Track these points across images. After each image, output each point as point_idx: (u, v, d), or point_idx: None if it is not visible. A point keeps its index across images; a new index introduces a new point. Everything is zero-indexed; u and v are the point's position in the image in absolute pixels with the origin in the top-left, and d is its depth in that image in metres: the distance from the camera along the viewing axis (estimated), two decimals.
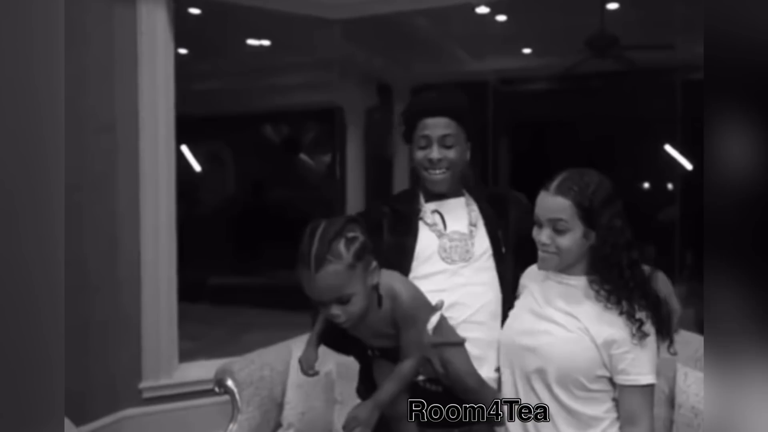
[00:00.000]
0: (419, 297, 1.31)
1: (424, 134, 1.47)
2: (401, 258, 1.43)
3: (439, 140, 1.46)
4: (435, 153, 1.45)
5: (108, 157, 2.51)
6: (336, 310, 1.16)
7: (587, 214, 1.28)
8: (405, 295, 1.25)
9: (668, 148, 3.78)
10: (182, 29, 2.80)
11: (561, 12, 3.58)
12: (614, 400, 1.33)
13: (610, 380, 1.31)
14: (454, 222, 1.49)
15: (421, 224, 1.50)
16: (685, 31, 3.47)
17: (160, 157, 2.60)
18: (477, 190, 1.58)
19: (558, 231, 1.29)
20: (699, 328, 2.09)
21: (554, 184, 1.31)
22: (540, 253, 1.34)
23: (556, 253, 1.31)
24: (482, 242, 1.48)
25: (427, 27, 3.75)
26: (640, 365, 1.27)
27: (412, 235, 1.47)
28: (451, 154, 1.47)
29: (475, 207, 1.53)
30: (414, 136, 1.50)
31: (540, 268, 1.37)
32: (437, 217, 1.50)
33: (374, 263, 1.20)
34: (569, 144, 3.81)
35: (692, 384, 1.76)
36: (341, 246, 1.11)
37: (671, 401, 1.80)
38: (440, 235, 1.47)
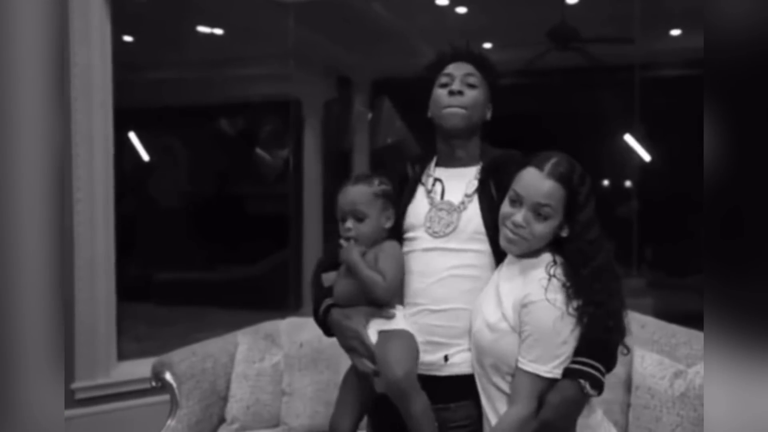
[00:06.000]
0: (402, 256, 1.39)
1: (446, 72, 1.39)
2: (395, 221, 1.39)
3: (462, 78, 1.37)
4: (456, 85, 1.35)
5: None
6: (350, 224, 1.35)
7: (573, 206, 1.20)
8: (393, 242, 1.38)
9: (628, 137, 3.80)
10: (127, 15, 2.67)
11: (521, 5, 3.57)
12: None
13: None
14: (452, 192, 1.38)
15: (422, 190, 1.41)
16: (644, 27, 3.50)
17: (96, 148, 2.47)
18: (484, 155, 1.43)
19: (539, 216, 1.20)
20: (657, 316, 2.10)
21: (548, 165, 1.20)
22: (508, 234, 1.23)
23: (526, 239, 1.21)
24: (474, 218, 1.34)
25: (387, 18, 3.70)
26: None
27: (405, 199, 1.40)
28: (474, 93, 1.36)
29: (478, 178, 1.39)
30: (436, 83, 1.40)
31: (505, 248, 1.27)
32: (438, 185, 1.40)
33: (393, 214, 1.39)
34: (531, 138, 3.80)
35: (649, 366, 1.73)
36: (375, 180, 1.39)
37: (628, 384, 1.76)
38: (432, 205, 1.38)
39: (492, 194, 1.34)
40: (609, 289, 1.21)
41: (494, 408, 1.25)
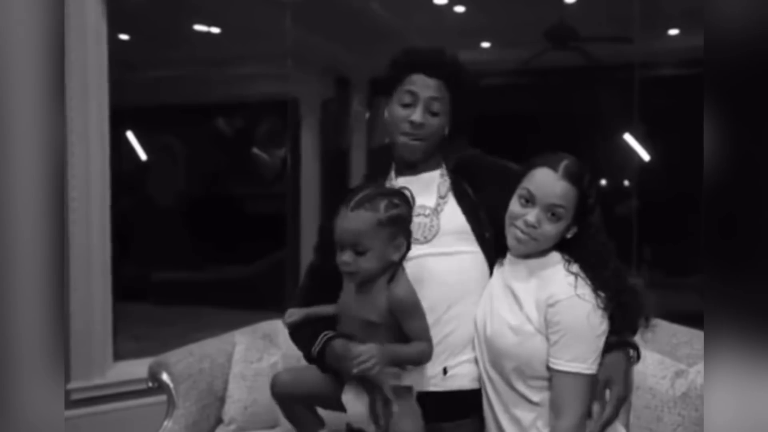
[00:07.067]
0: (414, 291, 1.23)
1: (411, 89, 1.30)
2: None
3: (426, 102, 1.29)
4: (418, 116, 1.28)
5: None
6: (348, 257, 1.16)
7: (583, 208, 1.20)
8: (402, 285, 1.20)
9: (627, 136, 3.79)
10: (123, 13, 2.66)
11: (520, 4, 3.57)
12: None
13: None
14: (422, 197, 1.31)
15: None
16: (643, 26, 3.50)
17: (92, 148, 2.45)
18: (450, 157, 1.39)
19: (552, 216, 1.19)
20: (656, 315, 2.10)
21: (562, 166, 1.19)
22: (517, 233, 1.22)
23: (536, 239, 1.21)
24: (454, 218, 1.31)
25: (385, 17, 3.69)
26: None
27: None
28: (435, 122, 1.30)
29: (448, 178, 1.36)
30: (397, 89, 1.32)
31: (512, 248, 1.25)
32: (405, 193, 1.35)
33: (404, 242, 1.20)
34: (530, 138, 3.80)
35: (649, 366, 1.72)
36: (382, 204, 1.16)
37: None
38: None
39: (469, 194, 1.33)
40: (629, 287, 1.23)
41: (512, 416, 1.22)
